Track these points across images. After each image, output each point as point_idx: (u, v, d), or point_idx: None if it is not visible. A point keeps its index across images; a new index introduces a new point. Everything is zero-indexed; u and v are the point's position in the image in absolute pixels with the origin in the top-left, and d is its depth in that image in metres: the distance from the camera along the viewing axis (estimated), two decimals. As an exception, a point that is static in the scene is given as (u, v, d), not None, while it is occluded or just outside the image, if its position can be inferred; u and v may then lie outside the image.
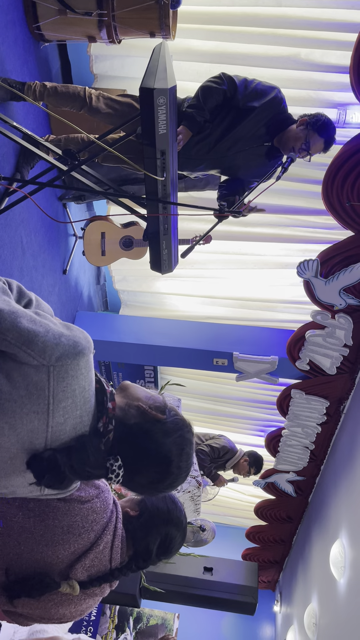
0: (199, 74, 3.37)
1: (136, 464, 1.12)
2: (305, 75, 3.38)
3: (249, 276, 4.42)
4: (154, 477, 1.15)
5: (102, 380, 1.14)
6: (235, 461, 4.57)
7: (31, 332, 1.00)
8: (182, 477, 1.17)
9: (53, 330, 1.03)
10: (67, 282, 4.13)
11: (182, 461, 1.16)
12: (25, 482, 1.09)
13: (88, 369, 1.07)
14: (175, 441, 1.14)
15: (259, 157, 2.91)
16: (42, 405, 1.01)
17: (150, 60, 2.27)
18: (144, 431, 1.13)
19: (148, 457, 1.13)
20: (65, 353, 1.02)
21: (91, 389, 1.08)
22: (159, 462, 1.14)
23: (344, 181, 2.92)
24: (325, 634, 3.61)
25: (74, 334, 1.06)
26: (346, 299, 3.22)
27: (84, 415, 1.07)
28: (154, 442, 1.13)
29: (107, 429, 1.10)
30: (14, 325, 0.99)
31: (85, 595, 1.31)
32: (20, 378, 1.00)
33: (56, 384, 1.01)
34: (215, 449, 4.52)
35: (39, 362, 1.00)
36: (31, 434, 1.03)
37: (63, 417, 1.04)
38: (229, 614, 5.54)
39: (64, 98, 2.90)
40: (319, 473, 4.46)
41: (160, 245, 2.71)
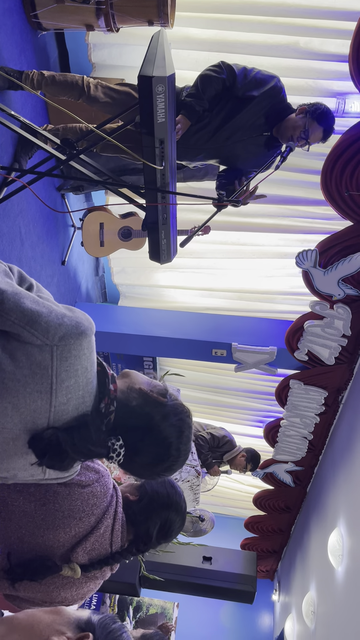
0: (198, 63, 3.36)
1: (137, 445, 1.14)
2: (305, 64, 3.37)
3: (247, 267, 4.42)
4: (154, 458, 1.17)
5: (103, 363, 1.16)
6: (232, 455, 4.57)
7: (34, 313, 1.01)
8: (181, 460, 1.19)
9: (56, 311, 1.05)
10: (66, 273, 4.13)
11: (181, 444, 1.17)
12: (27, 465, 1.10)
13: (90, 350, 1.08)
14: (176, 424, 1.16)
15: (257, 147, 2.90)
16: (46, 384, 1.02)
17: (149, 48, 2.25)
18: (145, 413, 1.14)
19: (149, 439, 1.15)
20: (68, 333, 1.03)
21: (93, 370, 1.10)
22: (159, 443, 1.15)
23: (343, 171, 2.91)
24: (324, 622, 3.65)
25: (76, 315, 1.07)
26: (345, 289, 3.23)
27: (86, 395, 1.08)
28: (155, 424, 1.14)
29: (109, 410, 1.11)
30: (18, 305, 1.00)
31: (87, 579, 1.33)
32: (23, 358, 1.01)
33: (59, 364, 1.02)
34: (216, 437, 4.54)
35: (42, 342, 1.01)
36: (34, 414, 1.04)
37: (66, 397, 1.05)
38: (227, 603, 5.59)
39: (62, 87, 2.89)
40: (318, 463, 4.48)
41: (159, 235, 2.71)
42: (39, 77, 2.89)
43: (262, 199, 2.86)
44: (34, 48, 3.22)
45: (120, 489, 1.43)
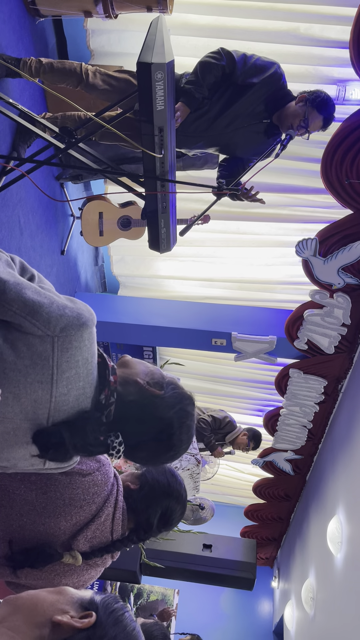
0: (197, 49, 3.32)
1: (136, 439, 1.14)
2: (305, 50, 3.33)
3: (247, 256, 4.41)
4: (155, 450, 1.17)
5: (103, 355, 1.16)
6: (234, 435, 4.64)
7: (36, 303, 1.02)
8: (183, 448, 1.19)
9: (57, 302, 1.05)
10: (65, 262, 4.12)
11: (182, 434, 1.17)
12: (27, 455, 1.10)
13: (91, 342, 1.08)
14: (174, 415, 1.16)
15: (257, 135, 2.89)
16: (46, 375, 1.02)
17: (148, 34, 2.23)
18: (141, 408, 1.14)
19: (148, 433, 1.15)
20: (69, 324, 1.03)
21: (94, 361, 1.10)
22: (159, 436, 1.16)
23: (343, 159, 2.90)
24: (323, 608, 3.68)
25: (78, 306, 1.07)
26: (345, 277, 3.22)
27: (87, 387, 1.08)
28: (152, 418, 1.14)
29: (109, 402, 1.11)
30: (19, 295, 1.01)
31: (88, 566, 1.34)
32: (25, 348, 1.01)
33: (60, 355, 1.03)
34: (217, 419, 4.61)
35: (43, 333, 1.01)
36: (35, 404, 1.04)
37: (66, 388, 1.05)
38: (227, 590, 5.64)
39: (60, 74, 2.86)
40: (317, 452, 4.50)
41: (158, 224, 2.70)
42: (37, 64, 2.86)
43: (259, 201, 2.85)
44: (32, 35, 3.19)
45: (121, 477, 1.44)
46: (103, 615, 0.83)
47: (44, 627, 0.79)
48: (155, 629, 2.10)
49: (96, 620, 0.81)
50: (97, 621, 0.81)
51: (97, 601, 0.85)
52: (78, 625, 0.79)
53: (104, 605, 0.84)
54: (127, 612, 0.86)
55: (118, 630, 0.82)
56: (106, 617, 0.83)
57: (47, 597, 0.84)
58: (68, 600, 0.84)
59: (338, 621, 3.23)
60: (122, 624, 0.83)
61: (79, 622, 0.80)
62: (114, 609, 0.85)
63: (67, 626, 0.79)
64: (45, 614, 0.81)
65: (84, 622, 0.80)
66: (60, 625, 0.79)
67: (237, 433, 4.66)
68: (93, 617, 0.81)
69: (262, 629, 5.95)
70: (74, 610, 0.82)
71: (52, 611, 0.81)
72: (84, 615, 0.82)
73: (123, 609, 0.86)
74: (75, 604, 0.84)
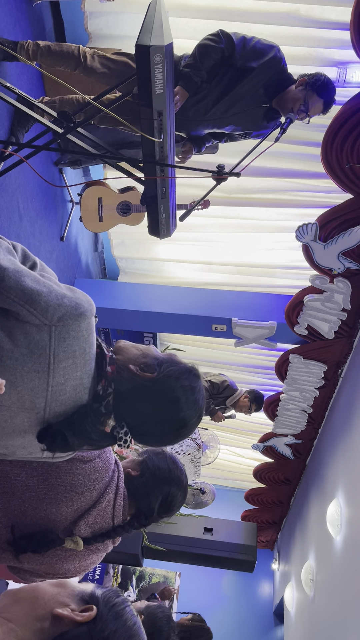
0: (196, 31, 3.27)
1: (141, 426, 1.14)
2: (305, 32, 3.28)
3: (247, 241, 4.40)
4: (160, 433, 1.16)
5: (102, 345, 1.15)
6: (235, 399, 4.55)
7: (34, 292, 1.01)
8: (193, 423, 1.17)
9: (56, 291, 1.04)
10: (65, 249, 4.11)
11: (189, 409, 1.15)
12: (25, 443, 1.11)
13: (89, 332, 1.08)
14: (176, 393, 1.14)
15: (257, 119, 2.86)
16: (43, 364, 1.02)
17: (146, 16, 2.20)
18: (137, 394, 1.13)
19: (152, 417, 1.14)
20: (67, 314, 1.03)
21: (92, 351, 1.09)
22: (161, 418, 1.15)
23: (344, 142, 2.87)
24: (322, 589, 3.73)
25: (77, 296, 1.07)
26: (345, 262, 3.21)
27: (84, 377, 1.08)
28: (150, 401, 1.14)
29: (107, 392, 1.11)
30: (18, 283, 1.00)
31: (89, 551, 1.35)
32: (22, 337, 1.01)
33: (57, 344, 1.02)
34: (215, 384, 4.51)
35: (41, 322, 1.01)
36: (32, 393, 1.04)
37: (63, 377, 1.05)
38: (228, 572, 5.71)
39: (57, 57, 2.83)
40: (317, 436, 4.53)
41: (158, 209, 2.68)
42: (34, 47, 2.82)
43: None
44: (29, 18, 3.15)
45: (122, 464, 1.45)
46: (104, 609, 0.83)
47: (45, 619, 0.80)
48: (159, 611, 2.12)
49: (97, 614, 0.82)
50: (97, 615, 0.82)
51: (98, 595, 0.85)
52: (78, 619, 0.80)
53: (105, 600, 0.85)
54: (127, 607, 0.86)
55: (118, 624, 0.83)
56: (107, 611, 0.83)
57: (48, 589, 0.85)
58: (69, 593, 0.85)
59: (337, 602, 3.28)
60: (122, 618, 0.84)
61: (80, 615, 0.80)
62: (115, 603, 0.85)
63: (67, 619, 0.80)
64: (46, 606, 0.81)
65: (84, 616, 0.81)
66: (60, 618, 0.80)
67: (238, 396, 4.55)
68: (94, 611, 0.82)
69: (263, 610, 6.04)
70: (74, 604, 0.83)
71: (53, 604, 0.82)
72: (84, 609, 0.82)
73: (124, 603, 0.86)
74: (76, 597, 0.84)
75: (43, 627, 0.79)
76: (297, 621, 4.57)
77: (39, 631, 0.79)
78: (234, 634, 5.66)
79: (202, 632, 2.97)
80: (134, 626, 0.85)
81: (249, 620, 5.92)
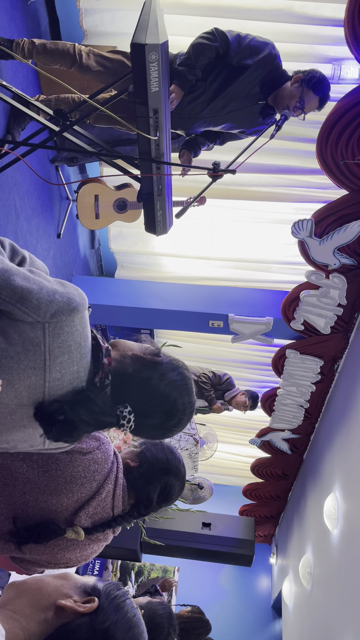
0: (191, 28, 3.29)
1: (143, 408, 1.15)
2: (300, 29, 3.30)
3: (243, 236, 4.41)
4: (163, 417, 1.19)
5: (97, 337, 1.16)
6: (233, 394, 4.80)
7: (25, 290, 1.01)
8: (188, 412, 1.21)
9: (47, 288, 1.04)
10: (62, 246, 4.12)
11: (184, 396, 1.19)
12: (25, 437, 1.12)
13: (83, 326, 1.08)
14: (176, 378, 1.18)
15: (253, 116, 2.88)
16: (39, 361, 1.03)
17: (141, 14, 2.21)
18: (143, 377, 1.16)
19: (153, 400, 1.16)
20: (59, 310, 1.03)
21: (87, 345, 1.10)
22: (164, 402, 1.17)
23: (338, 139, 2.89)
24: (320, 582, 3.77)
25: (68, 290, 1.07)
26: (340, 258, 3.23)
27: (81, 370, 1.09)
28: (155, 384, 1.16)
29: (104, 384, 1.12)
30: (7, 283, 1.00)
31: (90, 541, 1.38)
32: (16, 335, 1.02)
33: (52, 340, 1.03)
34: (217, 374, 4.78)
35: (33, 319, 1.01)
36: (29, 390, 1.05)
37: (60, 373, 1.06)
38: (227, 566, 5.75)
39: (53, 55, 2.84)
40: (314, 431, 4.55)
41: (154, 207, 2.70)
42: (29, 45, 2.83)
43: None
44: (24, 15, 3.15)
45: (121, 455, 1.47)
46: (105, 601, 0.86)
47: (48, 610, 0.82)
48: (160, 607, 2.14)
49: (98, 605, 0.84)
50: (99, 607, 0.84)
51: (100, 587, 0.88)
52: (81, 610, 0.83)
53: (107, 592, 0.88)
54: (128, 600, 0.89)
55: (119, 616, 0.85)
56: (108, 603, 0.86)
57: (52, 581, 0.87)
58: (72, 585, 0.88)
59: (334, 595, 3.31)
60: (123, 610, 0.86)
61: (82, 606, 0.83)
62: (116, 595, 0.88)
63: (70, 610, 0.82)
64: (49, 598, 0.84)
65: (86, 607, 0.83)
66: (63, 609, 0.82)
67: (235, 392, 4.81)
68: (95, 603, 0.84)
69: (261, 604, 6.07)
70: (77, 595, 0.86)
71: (56, 595, 0.84)
72: (86, 601, 0.85)
73: (125, 596, 0.89)
74: (78, 589, 0.87)
75: (46, 618, 0.82)
76: (295, 614, 4.61)
77: (43, 622, 0.81)
78: (232, 628, 5.69)
79: (201, 623, 3.00)
80: (134, 618, 0.87)
81: (247, 614, 5.96)
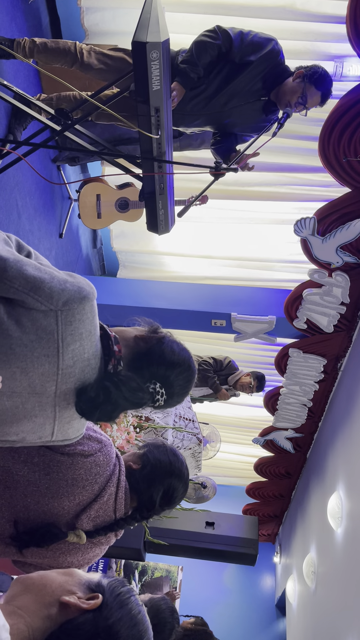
0: (193, 26, 3.27)
1: (168, 380, 1.23)
2: (302, 26, 3.28)
3: (245, 235, 4.40)
4: (184, 384, 1.27)
5: (104, 326, 1.20)
6: (236, 377, 4.66)
7: (37, 279, 1.04)
8: (193, 372, 1.30)
9: (58, 277, 1.08)
10: (64, 245, 4.11)
11: (192, 361, 1.31)
12: (35, 427, 1.14)
13: (93, 314, 1.12)
14: (180, 346, 1.28)
15: (255, 112, 2.86)
16: (52, 348, 1.05)
17: (142, 12, 2.20)
18: (157, 352, 1.23)
19: (174, 368, 1.24)
20: (71, 298, 1.06)
21: (97, 333, 1.14)
22: (182, 366, 1.26)
23: (341, 136, 2.87)
24: (324, 581, 3.76)
25: (78, 280, 1.11)
26: (343, 256, 3.22)
27: (92, 358, 1.12)
28: (169, 355, 1.24)
29: (117, 370, 1.16)
30: (20, 272, 1.03)
31: (92, 544, 1.37)
32: (29, 323, 1.04)
33: (64, 328, 1.06)
34: (218, 360, 4.66)
35: (46, 307, 1.04)
36: (42, 377, 1.07)
37: (72, 360, 1.08)
38: (230, 565, 5.74)
39: (54, 54, 2.83)
40: (317, 430, 4.54)
41: (156, 206, 2.69)
42: (30, 44, 2.82)
43: (251, 168, 2.84)
44: (25, 14, 3.14)
45: (123, 458, 1.46)
46: (109, 598, 0.85)
47: (52, 606, 0.82)
48: (162, 603, 2.14)
49: (102, 602, 0.84)
50: (103, 603, 0.84)
51: (104, 584, 0.88)
52: (85, 606, 0.82)
53: (111, 589, 0.87)
54: (133, 596, 0.88)
55: (123, 612, 0.85)
56: (112, 600, 0.85)
57: (56, 578, 0.87)
58: (76, 581, 0.87)
59: (339, 594, 3.30)
60: (127, 607, 0.86)
61: (86, 603, 0.83)
62: (120, 592, 0.87)
63: (74, 607, 0.82)
64: (53, 594, 0.84)
65: (90, 604, 0.83)
66: (67, 606, 0.82)
67: (239, 374, 4.67)
68: (99, 599, 0.84)
69: (265, 603, 6.07)
70: (81, 592, 0.85)
71: (60, 592, 0.84)
72: (90, 597, 0.84)
73: (129, 592, 0.88)
74: (83, 585, 0.87)
75: (50, 614, 0.82)
76: (299, 613, 4.60)
77: (47, 618, 0.81)
78: (236, 627, 5.69)
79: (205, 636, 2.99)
80: (139, 615, 0.87)
81: (251, 613, 5.95)
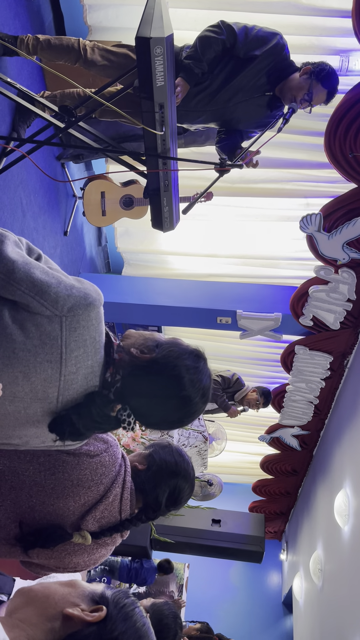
0: (197, 22, 3.25)
1: (143, 407, 1.15)
2: (307, 21, 3.25)
3: (251, 232, 4.38)
4: (166, 412, 1.17)
5: (109, 333, 1.17)
6: (243, 393, 4.68)
7: (44, 283, 1.03)
8: (197, 403, 1.16)
9: (65, 282, 1.06)
10: (69, 243, 4.11)
11: (190, 387, 1.15)
12: (38, 432, 1.13)
13: (98, 321, 1.10)
14: (177, 372, 1.14)
15: (260, 108, 2.84)
16: (55, 354, 1.04)
17: (146, 8, 2.18)
18: (136, 376, 1.14)
19: (152, 397, 1.15)
20: (76, 304, 1.05)
21: (101, 340, 1.11)
22: (163, 398, 1.15)
23: (347, 132, 2.85)
24: (331, 579, 3.74)
25: (85, 286, 1.09)
26: (349, 253, 3.20)
27: (95, 365, 1.11)
28: (149, 382, 1.14)
29: (115, 379, 1.13)
30: (28, 275, 1.02)
31: (98, 545, 1.36)
32: (33, 328, 1.03)
33: (68, 334, 1.04)
34: (225, 378, 4.67)
35: (51, 313, 1.03)
36: (45, 383, 1.06)
37: (75, 367, 1.07)
38: (237, 563, 5.74)
39: (57, 51, 2.81)
40: (323, 427, 4.53)
41: (161, 203, 2.67)
42: (34, 41, 2.81)
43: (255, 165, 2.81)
44: (28, 11, 3.13)
45: (129, 458, 1.45)
46: (113, 610, 0.84)
47: (55, 619, 0.81)
48: (165, 608, 2.13)
49: (106, 614, 0.82)
50: (107, 615, 0.82)
51: (108, 596, 0.86)
52: (88, 619, 0.81)
53: (115, 600, 0.85)
54: (137, 608, 0.87)
55: (128, 625, 0.83)
56: (116, 612, 0.84)
57: (59, 589, 0.86)
58: (80, 593, 0.86)
59: (346, 591, 3.29)
60: (132, 620, 0.84)
61: (90, 615, 0.81)
62: (125, 604, 0.86)
63: (77, 619, 0.80)
64: (56, 606, 0.82)
65: (94, 616, 0.81)
66: (71, 618, 0.81)
67: (246, 390, 4.69)
68: (103, 612, 0.82)
69: (272, 600, 6.07)
70: (85, 604, 0.84)
71: (63, 604, 0.82)
72: (94, 609, 0.83)
73: (133, 604, 0.87)
74: (86, 597, 0.85)
75: (53, 627, 0.80)
76: (306, 611, 4.59)
77: (50, 631, 0.80)
78: (243, 624, 5.69)
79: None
80: (143, 627, 0.85)
81: (258, 610, 5.96)
